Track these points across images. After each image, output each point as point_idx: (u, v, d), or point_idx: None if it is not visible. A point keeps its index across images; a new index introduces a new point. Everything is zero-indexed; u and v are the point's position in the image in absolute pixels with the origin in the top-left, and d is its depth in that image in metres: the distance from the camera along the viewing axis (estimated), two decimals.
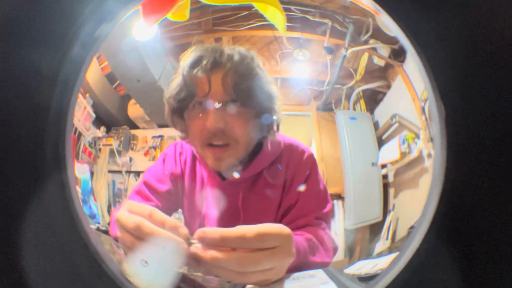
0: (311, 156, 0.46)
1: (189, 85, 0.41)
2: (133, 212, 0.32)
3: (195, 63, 0.41)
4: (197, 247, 0.31)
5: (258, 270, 0.31)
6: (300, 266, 0.37)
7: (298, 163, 0.45)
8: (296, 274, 0.37)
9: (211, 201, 0.45)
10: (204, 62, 0.41)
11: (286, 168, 0.44)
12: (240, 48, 0.42)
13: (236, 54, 0.41)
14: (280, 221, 0.43)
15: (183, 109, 0.43)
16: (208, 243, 0.30)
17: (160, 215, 0.31)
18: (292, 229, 0.35)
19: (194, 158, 0.47)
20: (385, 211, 0.45)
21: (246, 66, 0.41)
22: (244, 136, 0.42)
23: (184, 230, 0.31)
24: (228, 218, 0.43)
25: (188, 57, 0.42)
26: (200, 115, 0.41)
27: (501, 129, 0.26)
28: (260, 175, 0.44)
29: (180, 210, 0.47)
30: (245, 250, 0.30)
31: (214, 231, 0.30)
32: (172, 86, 0.43)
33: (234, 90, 0.40)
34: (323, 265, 0.40)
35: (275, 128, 0.44)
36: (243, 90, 0.40)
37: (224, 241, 0.30)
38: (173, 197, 0.46)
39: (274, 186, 0.44)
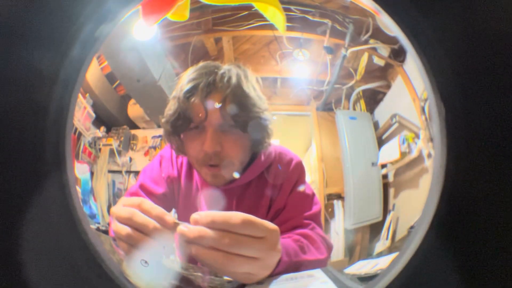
0: (299, 164, 0.47)
1: (185, 113, 0.42)
2: (126, 204, 0.34)
3: (191, 90, 0.41)
4: (185, 225, 0.32)
5: (241, 255, 0.32)
6: (294, 266, 0.38)
7: (287, 170, 0.46)
8: (294, 274, 0.37)
9: (205, 207, 0.46)
10: (200, 88, 0.41)
11: (275, 176, 0.46)
12: (234, 68, 0.43)
13: (233, 77, 0.42)
14: None
15: (179, 132, 0.44)
16: (200, 225, 0.32)
17: (149, 204, 0.33)
18: (282, 231, 0.36)
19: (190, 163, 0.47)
20: (385, 211, 0.45)
21: (244, 92, 0.42)
22: (239, 157, 0.43)
23: (170, 218, 0.33)
24: None
25: (183, 81, 0.42)
26: (197, 136, 0.42)
27: (501, 129, 0.26)
28: (252, 181, 0.45)
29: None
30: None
31: (207, 213, 0.32)
32: (167, 111, 0.43)
33: (232, 118, 0.41)
34: (318, 263, 0.41)
35: (267, 144, 0.45)
36: (241, 120, 0.42)
37: (213, 222, 0.31)
38: (169, 199, 0.47)
39: (265, 191, 0.45)
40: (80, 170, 0.47)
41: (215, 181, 0.45)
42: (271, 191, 0.45)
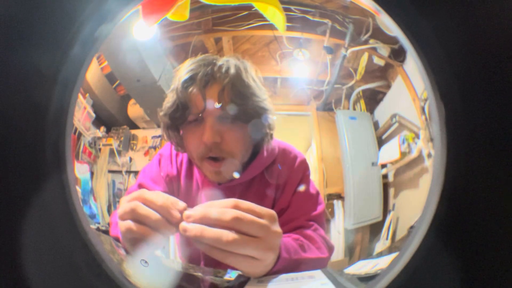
0: (303, 162, 0.46)
1: (183, 103, 0.41)
2: (129, 200, 0.34)
3: (189, 80, 0.41)
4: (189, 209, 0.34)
5: (242, 234, 0.32)
6: (294, 264, 0.38)
7: (291, 168, 0.46)
8: (294, 275, 0.37)
9: None
10: (198, 78, 0.41)
11: (277, 175, 0.45)
12: (233, 59, 0.42)
13: (232, 67, 0.41)
14: None
15: (178, 125, 0.43)
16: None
17: (151, 194, 0.34)
18: (284, 232, 0.37)
19: (190, 160, 0.47)
20: (385, 211, 0.45)
21: (243, 82, 0.41)
22: (239, 149, 0.42)
23: (177, 214, 0.33)
24: None
25: (181, 72, 0.42)
26: (196, 129, 0.42)
27: (501, 129, 0.26)
28: (254, 179, 0.45)
29: None
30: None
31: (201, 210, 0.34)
32: (166, 103, 0.43)
33: (230, 107, 0.41)
34: (319, 262, 0.41)
35: (269, 136, 0.44)
36: (240, 109, 0.41)
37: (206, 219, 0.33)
38: None
39: (269, 188, 0.44)
40: (80, 170, 0.47)
41: (218, 178, 0.44)
42: (274, 190, 0.44)
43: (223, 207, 0.33)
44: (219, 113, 0.41)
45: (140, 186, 0.46)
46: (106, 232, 0.44)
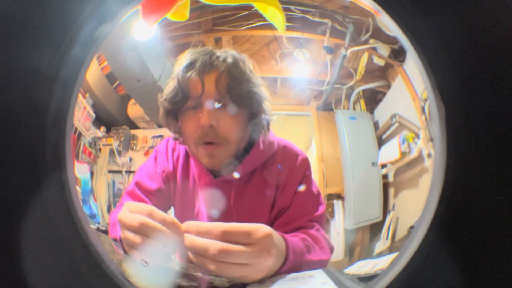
0: (305, 160, 0.46)
1: (183, 87, 0.43)
2: (134, 211, 0.34)
3: (189, 66, 0.43)
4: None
5: (230, 262, 0.33)
6: (298, 265, 0.38)
7: (292, 166, 0.45)
8: (295, 275, 0.37)
9: (203, 200, 0.45)
10: (198, 64, 0.42)
11: (278, 174, 0.45)
12: (232, 51, 0.44)
13: (229, 57, 0.43)
14: (273, 222, 0.44)
15: (177, 111, 0.44)
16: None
17: (159, 213, 0.34)
18: (286, 232, 0.38)
19: (187, 155, 0.47)
20: (385, 211, 0.45)
21: (239, 69, 0.43)
22: (235, 135, 0.43)
23: (183, 227, 0.34)
24: (221, 217, 0.44)
25: (181, 61, 0.44)
26: (194, 114, 0.43)
27: (501, 129, 0.26)
28: (253, 174, 0.45)
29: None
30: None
31: (195, 224, 0.35)
32: (167, 89, 0.44)
33: (227, 91, 0.42)
34: (321, 263, 0.41)
35: (266, 128, 0.45)
36: (235, 92, 0.42)
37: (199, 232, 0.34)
38: (165, 196, 0.47)
39: (268, 186, 0.44)
40: (80, 170, 0.47)
41: (212, 162, 0.44)
42: (274, 190, 0.44)
43: (211, 233, 0.33)
44: (216, 97, 0.42)
45: (137, 184, 0.46)
46: (106, 232, 0.44)
